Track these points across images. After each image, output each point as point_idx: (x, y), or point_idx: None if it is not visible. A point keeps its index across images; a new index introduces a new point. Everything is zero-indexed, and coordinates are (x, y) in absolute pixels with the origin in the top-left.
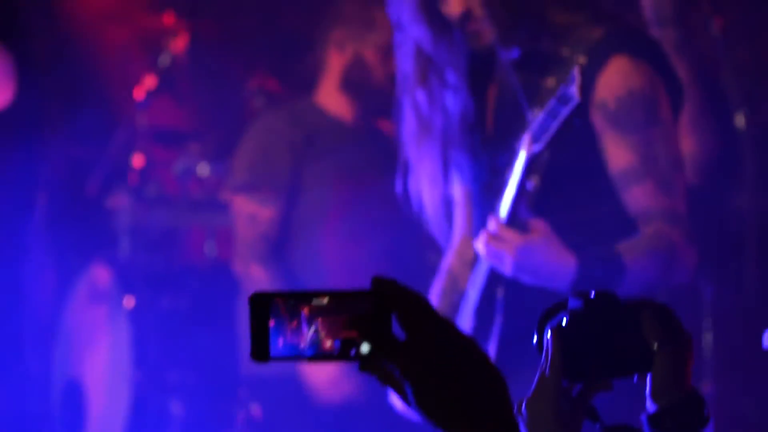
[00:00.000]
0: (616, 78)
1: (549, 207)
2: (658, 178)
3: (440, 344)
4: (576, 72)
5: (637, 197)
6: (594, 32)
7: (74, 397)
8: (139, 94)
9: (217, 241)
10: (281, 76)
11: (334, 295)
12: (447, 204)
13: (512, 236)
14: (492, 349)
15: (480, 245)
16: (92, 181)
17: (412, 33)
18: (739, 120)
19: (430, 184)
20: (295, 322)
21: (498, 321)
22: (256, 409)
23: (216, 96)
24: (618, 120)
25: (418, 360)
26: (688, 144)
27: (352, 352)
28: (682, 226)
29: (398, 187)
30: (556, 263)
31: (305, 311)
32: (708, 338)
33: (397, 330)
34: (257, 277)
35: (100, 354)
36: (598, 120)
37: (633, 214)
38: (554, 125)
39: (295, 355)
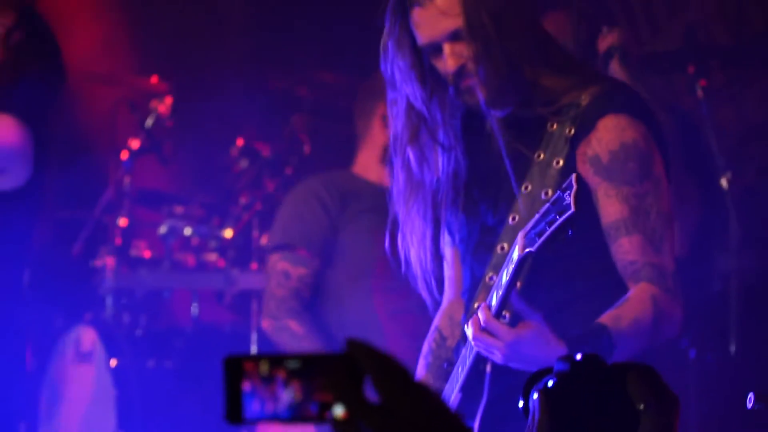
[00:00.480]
0: (609, 134)
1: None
2: (648, 232)
3: (414, 408)
4: (573, 180)
5: (626, 249)
6: (585, 93)
7: None
8: (125, 155)
9: (202, 303)
10: (268, 137)
11: (308, 358)
12: (437, 263)
13: (502, 330)
14: (478, 420)
15: (470, 334)
16: (79, 241)
17: (404, 91)
18: (724, 181)
19: (419, 243)
20: (270, 385)
21: (485, 395)
22: None
23: (202, 157)
24: (611, 172)
25: (391, 423)
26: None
27: (328, 414)
28: (668, 282)
29: (386, 245)
30: (545, 354)
31: (281, 374)
32: (693, 399)
33: (372, 393)
34: (291, 332)
35: (85, 414)
36: (591, 175)
37: (620, 267)
38: (548, 231)
39: (271, 417)
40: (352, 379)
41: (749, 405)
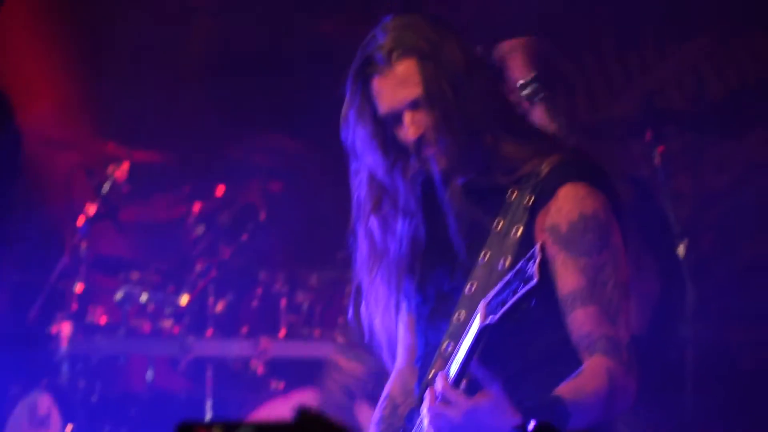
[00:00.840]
0: (568, 204)
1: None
2: (604, 303)
3: None
4: (537, 250)
5: (582, 321)
6: (546, 162)
7: None
8: (81, 221)
9: (157, 369)
10: (224, 203)
11: (261, 426)
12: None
13: (460, 399)
14: None
15: (425, 409)
16: (35, 307)
17: (365, 161)
18: (681, 249)
19: (383, 312)
20: None
21: None
22: None
23: (158, 223)
24: (570, 243)
25: None
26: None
27: None
28: (622, 355)
29: (350, 314)
30: (501, 424)
31: None
32: None
33: None
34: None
35: None
36: (549, 245)
37: (575, 339)
38: (511, 301)
39: None
40: None
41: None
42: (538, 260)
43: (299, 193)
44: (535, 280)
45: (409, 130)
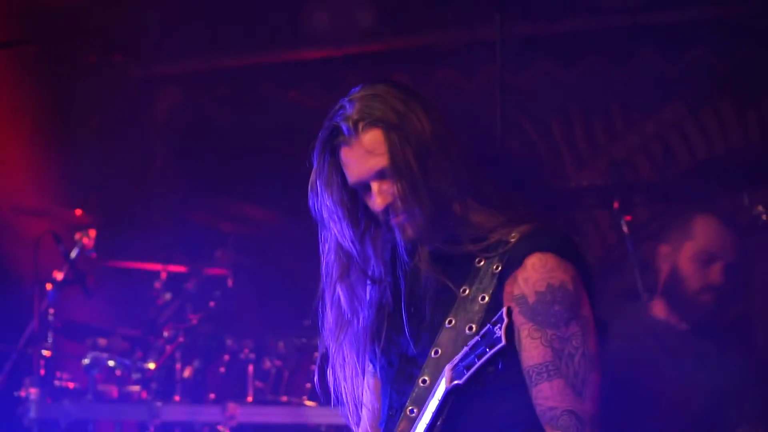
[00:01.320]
0: (536, 274)
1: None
2: (570, 376)
3: None
4: (504, 314)
5: (546, 395)
6: (515, 231)
7: None
8: (49, 287)
9: None
10: (191, 271)
11: None
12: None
13: None
14: None
15: None
16: (2, 372)
17: (332, 230)
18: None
19: (352, 377)
20: None
21: None
22: None
23: (125, 290)
24: (537, 314)
25: None
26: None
27: None
28: (585, 430)
29: (315, 380)
30: None
31: None
32: None
33: None
34: None
35: None
36: (516, 315)
37: (539, 412)
38: (477, 364)
39: None
40: None
41: None
42: (505, 323)
43: (267, 261)
44: (502, 343)
45: (376, 199)
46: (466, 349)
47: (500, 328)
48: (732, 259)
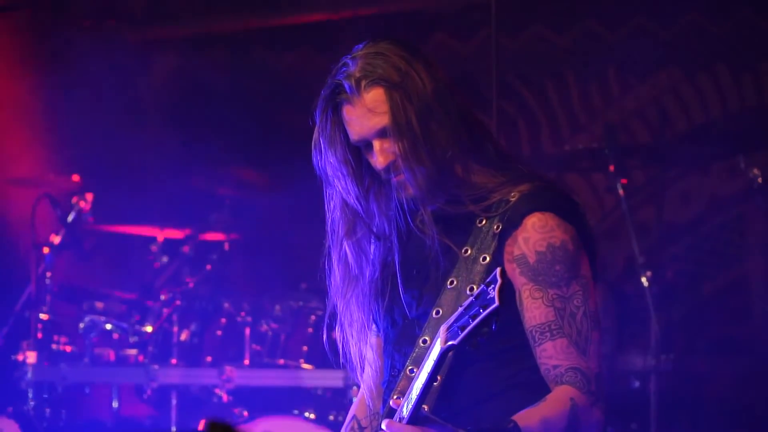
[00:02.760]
0: (536, 234)
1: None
2: (573, 334)
3: None
4: (498, 274)
5: (550, 354)
6: (515, 191)
7: None
8: (46, 251)
9: (122, 397)
10: (192, 230)
11: None
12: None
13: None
14: None
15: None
16: (0, 336)
17: (337, 187)
18: (644, 280)
19: (359, 335)
20: None
21: None
22: None
23: (122, 253)
24: (537, 274)
25: None
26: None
27: None
28: (590, 386)
29: (324, 338)
30: None
31: None
32: None
33: None
34: None
35: None
36: (517, 275)
37: (543, 371)
38: (471, 325)
39: None
40: None
41: None
42: (498, 284)
43: (264, 225)
44: (496, 304)
45: (378, 158)
46: (460, 309)
47: (494, 288)
48: None
